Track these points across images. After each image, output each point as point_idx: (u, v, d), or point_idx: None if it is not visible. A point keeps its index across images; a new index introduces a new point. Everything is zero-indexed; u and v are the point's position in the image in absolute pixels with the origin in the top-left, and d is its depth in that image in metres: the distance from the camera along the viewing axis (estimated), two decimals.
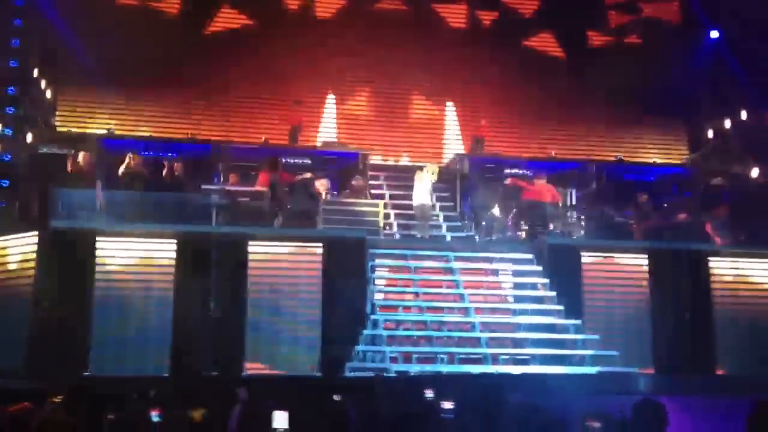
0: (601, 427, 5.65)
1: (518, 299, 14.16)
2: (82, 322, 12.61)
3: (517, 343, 13.51)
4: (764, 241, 15.28)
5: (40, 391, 9.51)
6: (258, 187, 14.93)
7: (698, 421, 8.89)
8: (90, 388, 10.89)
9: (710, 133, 20.40)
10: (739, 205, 16.62)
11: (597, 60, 20.93)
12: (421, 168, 16.49)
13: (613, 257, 14.69)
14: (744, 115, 20.00)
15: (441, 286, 14.50)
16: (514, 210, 15.90)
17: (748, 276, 14.95)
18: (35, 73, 17.33)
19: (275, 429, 7.49)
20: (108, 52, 18.33)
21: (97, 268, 12.97)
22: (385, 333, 12.99)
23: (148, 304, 13.03)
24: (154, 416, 9.12)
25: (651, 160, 20.08)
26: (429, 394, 9.52)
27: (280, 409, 8.56)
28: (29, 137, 16.13)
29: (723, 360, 14.18)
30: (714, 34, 20.74)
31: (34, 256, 13.13)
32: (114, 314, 12.86)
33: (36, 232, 13.23)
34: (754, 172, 18.07)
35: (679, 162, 20.14)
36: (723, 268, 14.83)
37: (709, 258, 14.77)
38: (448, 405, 8.82)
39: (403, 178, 17.65)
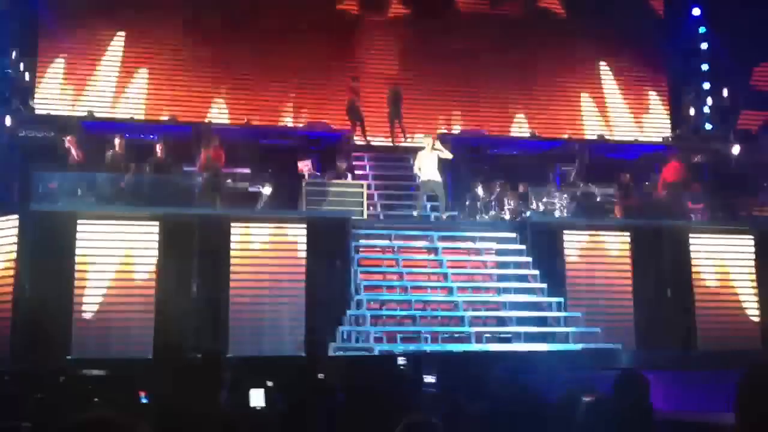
0: (591, 401, 5.64)
1: (501, 278, 14.22)
2: (64, 306, 12.55)
3: (501, 321, 13.58)
4: (742, 217, 15.38)
5: (25, 375, 9.46)
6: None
7: (680, 394, 9.03)
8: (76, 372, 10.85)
9: (692, 111, 20.45)
10: (718, 182, 16.73)
11: (581, 31, 20.42)
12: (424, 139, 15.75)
13: (595, 235, 14.77)
14: (725, 92, 20.07)
15: (425, 266, 14.52)
16: (498, 189, 15.90)
17: (727, 252, 15.06)
18: (13, 55, 17.12)
19: (253, 407, 7.46)
20: (87, 31, 18.16)
21: (79, 251, 12.91)
22: (369, 313, 13.02)
23: (131, 286, 12.99)
24: (143, 398, 9.06)
25: (633, 138, 20.11)
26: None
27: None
28: (8, 120, 15.97)
29: (702, 335, 14.32)
30: (696, 11, 20.77)
31: (15, 239, 13.05)
32: (96, 297, 12.83)
33: (16, 216, 13.14)
34: (735, 150, 18.15)
35: (660, 140, 20.15)
36: (703, 244, 14.94)
37: (690, 235, 14.88)
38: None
39: (387, 158, 17.61)
